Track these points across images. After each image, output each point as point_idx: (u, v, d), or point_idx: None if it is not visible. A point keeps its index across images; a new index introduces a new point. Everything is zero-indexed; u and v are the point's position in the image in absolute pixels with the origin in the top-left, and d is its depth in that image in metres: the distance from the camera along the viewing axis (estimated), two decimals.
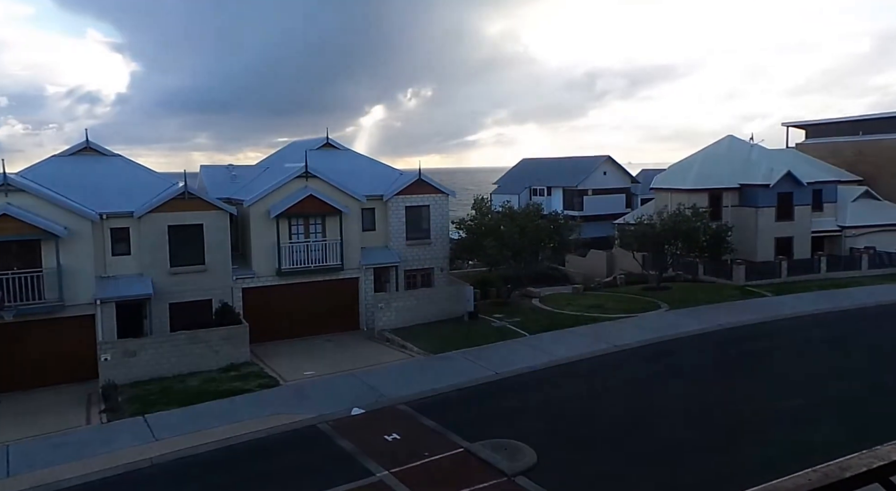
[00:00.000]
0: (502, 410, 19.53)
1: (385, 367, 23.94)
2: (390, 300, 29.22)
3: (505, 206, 34.95)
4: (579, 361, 23.77)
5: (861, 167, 44.76)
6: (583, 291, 35.72)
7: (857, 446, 1.77)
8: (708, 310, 30.30)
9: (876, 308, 30.15)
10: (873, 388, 19.97)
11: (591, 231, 45.65)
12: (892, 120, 45.55)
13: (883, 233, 40.07)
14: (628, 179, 53.55)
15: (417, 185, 31.55)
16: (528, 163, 62.61)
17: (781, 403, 19.03)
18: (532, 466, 15.61)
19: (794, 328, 27.50)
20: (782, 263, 37.00)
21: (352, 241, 29.50)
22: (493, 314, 30.28)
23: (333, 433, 17.98)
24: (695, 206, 36.13)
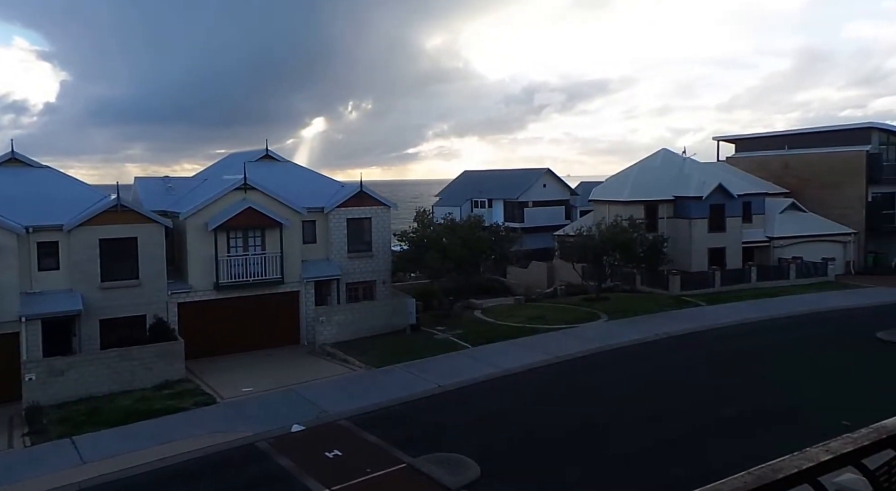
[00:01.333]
0: (446, 423, 19.52)
1: (326, 381, 23.61)
2: (331, 314, 28.89)
3: (447, 218, 35.16)
4: (522, 372, 24.02)
5: (787, 180, 47.02)
6: (524, 303, 36.19)
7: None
8: (645, 320, 31.18)
9: (803, 317, 31.53)
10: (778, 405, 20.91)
11: (532, 243, 46.41)
12: (815, 135, 48.21)
13: (808, 243, 42.17)
14: (567, 191, 54.74)
15: (359, 198, 31.40)
16: (469, 175, 63.22)
17: (722, 411, 19.72)
18: (475, 479, 15.63)
19: (726, 337, 28.52)
20: (715, 273, 38.43)
21: (292, 255, 29.06)
22: (435, 326, 30.32)
23: (273, 451, 17.58)
24: (631, 217, 37.21)
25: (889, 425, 1.46)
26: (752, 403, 20.15)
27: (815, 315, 31.77)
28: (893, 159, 44.15)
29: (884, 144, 44.17)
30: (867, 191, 43.53)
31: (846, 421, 17.91)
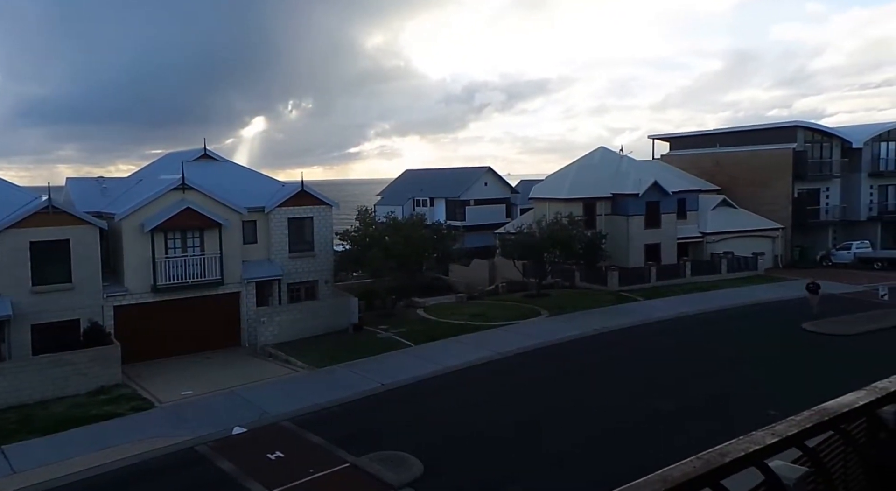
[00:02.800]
0: (389, 421, 19.73)
1: (268, 383, 23.47)
2: (273, 314, 28.67)
3: (389, 217, 35.30)
4: (465, 369, 24.44)
5: (718, 177, 49.03)
6: (466, 300, 36.70)
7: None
8: (584, 315, 32.10)
9: (734, 310, 32.95)
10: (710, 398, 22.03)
11: (474, 241, 47.03)
12: (744, 134, 50.45)
13: (739, 238, 44.17)
14: (508, 190, 55.63)
15: (300, 197, 31.19)
16: (411, 174, 63.45)
17: (658, 403, 20.60)
18: (419, 476, 15.86)
19: (662, 331, 29.68)
20: (652, 269, 39.84)
21: (232, 255, 28.66)
22: (378, 325, 30.47)
23: (213, 455, 17.43)
24: (571, 214, 38.18)
25: (830, 408, 1.52)
26: (686, 395, 21.07)
27: (745, 308, 33.31)
28: (818, 157, 46.70)
29: (808, 142, 46.65)
30: (793, 187, 45.92)
31: (772, 410, 19.06)
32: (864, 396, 1.63)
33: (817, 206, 46.78)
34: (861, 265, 43.62)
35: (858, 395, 1.63)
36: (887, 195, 48.42)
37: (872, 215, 47.56)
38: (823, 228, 47.22)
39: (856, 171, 47.11)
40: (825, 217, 46.97)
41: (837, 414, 1.50)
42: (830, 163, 46.80)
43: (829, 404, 1.55)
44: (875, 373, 14.26)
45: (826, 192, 47.09)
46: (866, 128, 49.03)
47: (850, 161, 47.07)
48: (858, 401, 1.58)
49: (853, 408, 1.53)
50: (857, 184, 47.24)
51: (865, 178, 47.26)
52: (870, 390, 1.64)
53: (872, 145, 47.49)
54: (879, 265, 43.27)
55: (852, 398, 1.61)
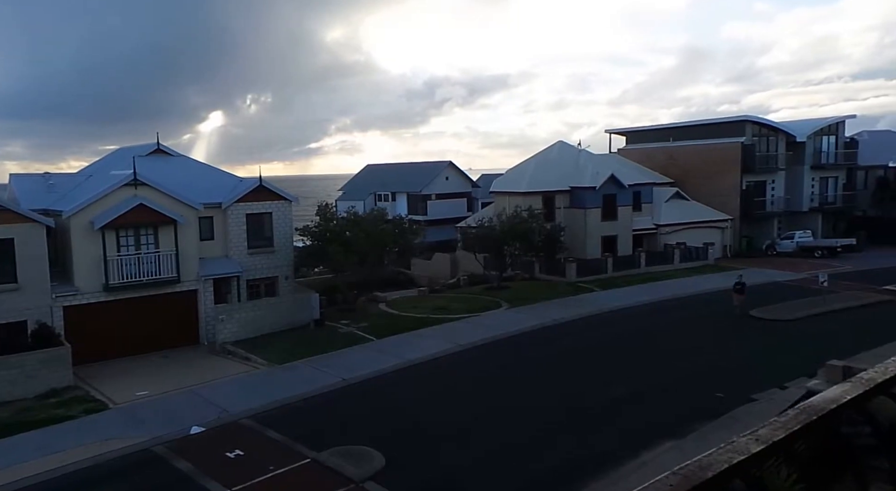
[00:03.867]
0: (350, 416, 19.67)
1: (227, 381, 23.14)
2: (232, 312, 28.24)
3: (350, 211, 35.10)
4: (426, 362, 24.52)
5: (672, 170, 50.14)
6: (428, 294, 36.80)
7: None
8: (543, 306, 32.52)
9: (687, 299, 33.88)
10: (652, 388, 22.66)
11: (436, 235, 47.10)
12: (696, 128, 51.70)
13: (691, 229, 45.36)
14: (469, 184, 55.87)
15: (258, 192, 30.75)
16: (372, 169, 63.16)
17: (614, 390, 21.03)
18: (380, 470, 15.89)
19: (618, 320, 30.29)
20: (608, 260, 40.60)
21: (188, 252, 28.08)
22: (340, 321, 30.30)
23: (170, 455, 17.11)
24: (530, 208, 38.58)
25: (816, 404, 1.34)
26: (641, 381, 21.58)
27: (697, 296, 34.27)
28: (764, 150, 48.19)
29: (756, 136, 48.09)
30: (742, 180, 47.30)
31: (719, 393, 19.72)
32: (851, 388, 1.48)
33: (764, 198, 48.32)
34: (803, 254, 45.30)
35: (844, 388, 1.48)
36: (827, 187, 50.41)
37: (814, 206, 49.45)
38: (769, 219, 48.81)
39: (799, 164, 48.81)
40: (771, 208, 48.55)
41: (825, 411, 1.35)
42: (776, 156, 48.35)
43: (815, 400, 1.41)
44: (815, 353, 15.07)
45: (772, 185, 48.66)
46: (809, 123, 50.83)
47: (793, 154, 48.75)
48: (845, 395, 1.43)
49: (840, 403, 1.38)
50: (801, 176, 48.98)
51: (808, 170, 49.03)
52: (855, 382, 1.49)
53: (814, 139, 49.27)
54: (820, 253, 45.05)
55: (838, 392, 1.45)
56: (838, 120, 50.81)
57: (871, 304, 31.26)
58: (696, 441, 16.54)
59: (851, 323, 27.89)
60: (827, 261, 42.79)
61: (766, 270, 40.50)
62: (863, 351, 22.12)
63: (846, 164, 50.41)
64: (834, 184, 50.60)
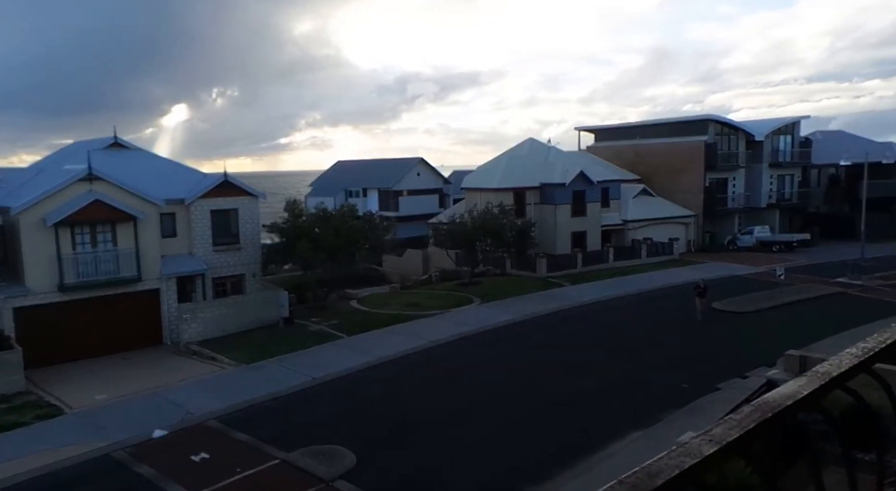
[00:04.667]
0: (320, 415, 19.19)
1: (192, 382, 22.36)
2: (196, 311, 27.38)
3: (319, 207, 34.43)
4: (397, 359, 24.14)
5: (639, 168, 50.71)
6: (400, 290, 36.37)
7: None
8: (515, 302, 32.41)
9: (652, 292, 34.26)
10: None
11: (407, 231, 46.68)
12: (662, 126, 52.34)
13: (657, 225, 45.90)
14: (441, 180, 55.58)
15: (223, 188, 29.87)
16: (343, 165, 62.44)
17: (582, 382, 20.91)
18: (351, 468, 15.53)
19: (588, 314, 30.34)
20: (578, 255, 40.74)
21: (149, 250, 27.11)
22: (310, 318, 29.68)
23: (131, 460, 16.39)
24: (501, 204, 38.44)
25: (772, 400, 1.32)
26: (610, 373, 21.62)
27: (662, 290, 34.67)
28: (726, 149, 49.03)
29: (719, 135, 48.88)
30: (705, 177, 48.01)
31: (685, 384, 19.79)
32: (807, 383, 1.42)
33: (725, 195, 49.27)
34: (762, 248, 46.37)
35: (800, 382, 1.42)
36: (784, 184, 51.67)
37: (771, 202, 50.66)
38: (730, 215, 49.72)
39: (758, 162, 49.84)
40: (732, 204, 49.53)
41: (781, 408, 1.30)
42: (737, 154, 49.35)
43: (771, 396, 1.35)
44: (774, 343, 15.16)
45: (733, 182, 49.63)
46: (767, 122, 51.98)
47: (753, 153, 49.79)
48: (801, 390, 1.39)
49: (797, 399, 1.35)
50: (759, 174, 50.02)
51: (766, 168, 50.10)
52: (811, 376, 1.44)
53: (772, 138, 50.40)
54: (777, 248, 46.24)
55: (794, 388, 1.41)
56: (794, 120, 52.10)
57: (825, 296, 32.24)
58: (662, 430, 16.67)
59: (806, 314, 28.59)
60: (784, 255, 43.97)
61: (727, 264, 41.19)
62: (818, 341, 22.97)
63: (801, 162, 51.73)
64: (790, 181, 51.87)
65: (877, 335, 1.57)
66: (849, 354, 1.50)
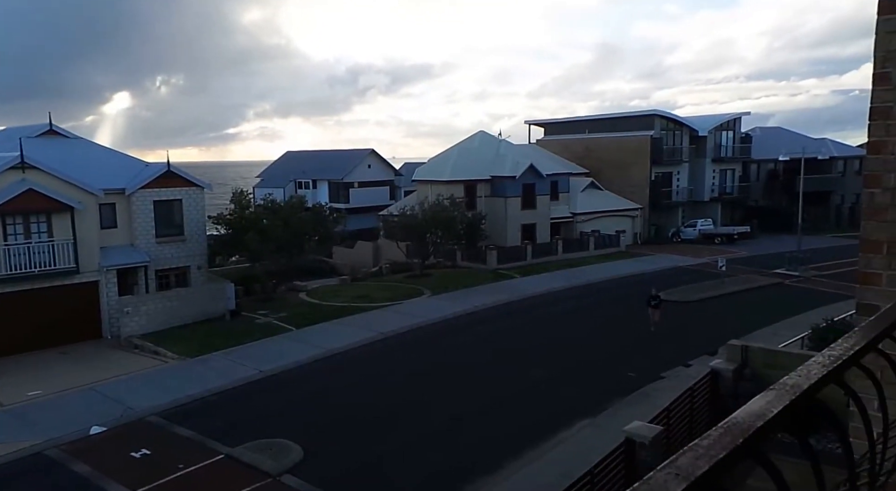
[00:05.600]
0: (267, 409, 18.94)
1: (133, 376, 21.76)
2: (139, 303, 26.59)
3: (267, 198, 33.85)
4: (346, 351, 24.01)
5: (587, 161, 51.56)
6: (350, 282, 36.12)
7: None
8: (465, 293, 32.61)
9: (600, 284, 34.99)
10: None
11: (358, 223, 46.35)
12: (609, 121, 53.32)
13: (604, 218, 46.83)
14: (392, 172, 55.34)
15: (167, 178, 29.01)
16: (292, 156, 61.46)
17: (532, 372, 21.23)
18: (298, 462, 15.40)
19: (537, 305, 30.77)
20: (528, 247, 41.23)
21: (88, 241, 26.13)
22: (257, 311, 29.21)
23: (67, 458, 15.85)
24: (452, 196, 38.54)
25: (741, 422, 1.16)
26: (559, 363, 22.03)
27: (609, 281, 35.46)
28: (671, 144, 50.38)
29: (664, 130, 50.15)
30: (651, 171, 49.25)
31: (631, 372, 20.36)
32: (776, 399, 1.26)
33: (670, 188, 50.73)
34: (705, 240, 48.00)
35: (768, 398, 1.27)
36: (726, 178, 53.59)
37: (714, 196, 52.51)
38: (675, 208, 51.25)
39: (701, 157, 51.50)
40: (676, 198, 51.06)
41: (751, 431, 1.14)
42: (681, 149, 50.80)
43: (739, 417, 1.19)
44: (716, 332, 15.85)
45: (677, 176, 51.11)
46: (710, 118, 53.67)
47: (696, 148, 51.39)
48: (771, 408, 1.23)
49: (767, 419, 1.19)
50: (703, 168, 51.71)
51: (709, 163, 51.83)
52: (779, 390, 1.31)
53: (715, 134, 52.10)
54: (719, 240, 47.96)
55: (763, 405, 1.25)
56: (735, 116, 53.92)
57: (764, 286, 33.63)
58: (609, 417, 17.08)
59: (746, 304, 29.73)
60: (725, 247, 45.57)
61: (671, 255, 42.43)
62: (757, 329, 24.10)
63: (742, 157, 53.68)
64: (731, 176, 53.76)
65: (842, 341, 1.52)
66: (817, 364, 1.41)
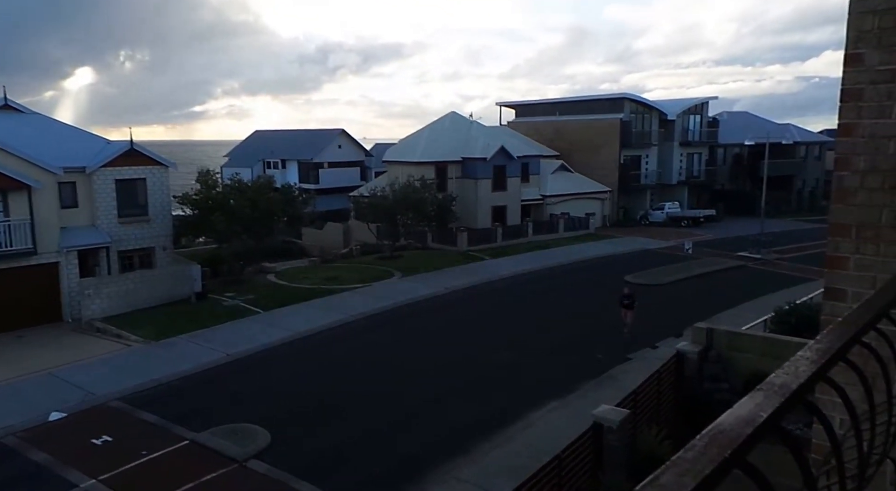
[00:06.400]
0: (234, 393, 18.66)
1: (95, 360, 21.23)
2: (100, 285, 25.91)
3: (234, 178, 33.15)
4: (315, 334, 23.78)
5: (558, 143, 51.67)
6: (320, 264, 35.74)
7: None
8: (436, 275, 32.54)
9: (569, 265, 35.25)
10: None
11: (328, 204, 45.86)
12: (580, 104, 53.40)
13: (574, 200, 47.08)
14: (363, 153, 54.69)
15: (129, 156, 28.15)
16: (261, 135, 60.29)
17: (502, 354, 21.29)
18: (266, 447, 15.21)
19: (507, 287, 30.86)
20: (498, 229, 41.27)
21: (46, 221, 25.29)
22: (224, 293, 28.73)
23: (23, 446, 15.41)
24: (423, 177, 38.26)
25: (727, 429, 1.05)
26: (528, 345, 22.09)
27: (579, 263, 35.73)
28: (640, 127, 50.68)
29: (634, 113, 50.39)
30: (620, 154, 49.56)
31: (599, 354, 20.55)
32: (764, 402, 1.13)
33: (639, 171, 51.11)
34: (672, 223, 48.57)
35: (756, 400, 1.15)
36: (693, 162, 54.22)
37: (681, 180, 53.11)
38: (643, 191, 51.73)
39: (669, 141, 51.94)
40: (645, 181, 51.49)
41: (741, 440, 1.01)
42: (650, 132, 51.13)
43: (725, 423, 1.07)
44: (682, 314, 16.02)
45: (646, 159, 51.50)
46: (679, 102, 54.10)
47: (665, 131, 51.77)
48: (760, 412, 1.10)
49: (757, 425, 1.07)
50: (671, 151, 52.17)
51: (677, 146, 52.29)
52: (767, 391, 1.18)
53: (683, 118, 52.54)
54: (686, 223, 48.51)
55: (751, 409, 1.12)
56: (703, 101, 54.44)
57: (728, 268, 34.22)
58: (578, 399, 17.24)
59: (711, 286, 30.28)
60: (692, 230, 46.26)
61: (639, 238, 42.94)
62: (722, 311, 24.50)
63: (709, 142, 54.35)
64: (699, 159, 54.41)
65: (827, 333, 1.42)
66: (804, 360, 1.29)
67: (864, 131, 2.94)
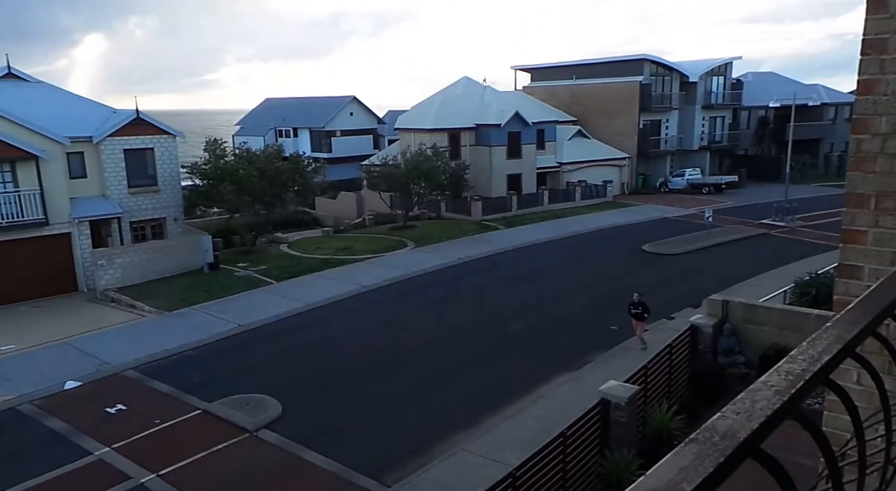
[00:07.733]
0: (246, 363, 18.73)
1: (109, 330, 21.42)
2: (113, 256, 26.02)
3: (242, 148, 32.89)
4: (327, 304, 23.73)
5: (574, 108, 50.34)
6: (333, 234, 35.62)
7: None
8: (449, 245, 32.26)
9: (586, 235, 34.62)
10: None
11: (341, 173, 45.49)
12: (597, 66, 51.75)
13: (591, 167, 46.15)
14: (375, 120, 54.04)
15: (136, 126, 27.93)
16: (272, 103, 59.74)
17: (512, 325, 21.10)
18: (277, 418, 15.28)
19: (522, 257, 30.48)
20: (513, 198, 40.70)
21: (56, 191, 25.30)
22: (237, 264, 28.75)
23: (40, 414, 15.63)
24: (435, 145, 37.68)
25: (734, 430, 0.90)
26: (542, 315, 21.86)
27: (596, 232, 35.16)
28: (661, 90, 49.20)
29: (654, 75, 48.90)
30: (639, 118, 48.28)
31: (613, 326, 20.26)
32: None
33: (658, 137, 49.74)
34: (692, 190, 47.41)
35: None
36: (716, 126, 52.55)
37: (703, 145, 51.53)
38: (663, 157, 50.44)
39: (691, 104, 50.32)
40: (664, 146, 50.11)
41: (748, 432, 0.85)
42: (671, 96, 49.52)
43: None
44: (700, 283, 15.60)
45: (666, 124, 50.06)
46: (701, 63, 51.96)
47: (686, 94, 50.13)
48: (778, 399, 0.93)
49: (772, 412, 0.90)
50: (692, 115, 50.61)
51: (699, 110, 50.69)
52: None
53: (705, 80, 50.73)
54: (707, 190, 47.23)
55: (770, 398, 0.95)
56: (727, 61, 52.28)
57: (749, 237, 33.40)
58: (590, 371, 17.03)
59: (731, 255, 29.66)
60: (713, 197, 45.16)
61: (658, 206, 42.14)
62: (741, 282, 23.96)
63: (732, 104, 52.50)
64: (721, 123, 52.76)
65: (851, 308, 1.20)
66: (825, 339, 1.07)
67: (886, 88, 2.58)
